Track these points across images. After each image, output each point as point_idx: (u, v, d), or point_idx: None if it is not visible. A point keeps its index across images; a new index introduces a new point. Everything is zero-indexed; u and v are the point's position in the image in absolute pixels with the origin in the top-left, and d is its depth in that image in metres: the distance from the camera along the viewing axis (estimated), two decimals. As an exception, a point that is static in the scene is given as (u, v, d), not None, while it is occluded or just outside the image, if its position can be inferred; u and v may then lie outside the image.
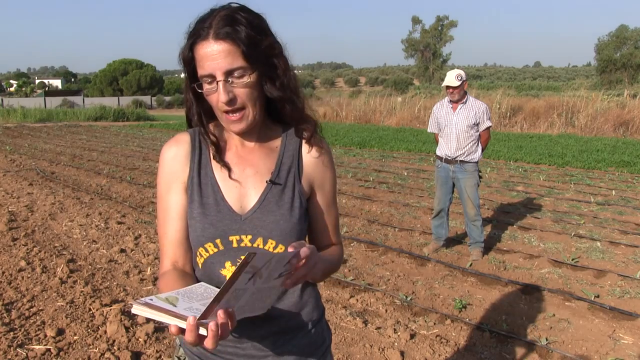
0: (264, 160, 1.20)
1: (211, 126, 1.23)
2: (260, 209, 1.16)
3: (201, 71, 1.08)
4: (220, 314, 0.87)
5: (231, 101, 1.08)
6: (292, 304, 1.22)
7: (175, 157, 1.20)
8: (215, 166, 1.19)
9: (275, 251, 1.15)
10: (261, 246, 1.15)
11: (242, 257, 0.86)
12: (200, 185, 1.17)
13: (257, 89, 1.11)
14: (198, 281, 1.17)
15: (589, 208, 6.98)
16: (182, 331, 0.87)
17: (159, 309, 0.90)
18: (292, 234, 1.16)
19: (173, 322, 0.88)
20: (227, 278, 0.87)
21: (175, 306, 0.92)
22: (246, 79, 1.08)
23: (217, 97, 1.08)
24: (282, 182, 1.19)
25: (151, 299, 0.92)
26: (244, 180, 1.18)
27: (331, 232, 1.31)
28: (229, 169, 1.19)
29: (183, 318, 0.88)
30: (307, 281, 1.19)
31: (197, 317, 0.86)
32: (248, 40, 1.06)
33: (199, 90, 1.11)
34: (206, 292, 1.04)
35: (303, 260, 0.98)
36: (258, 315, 1.03)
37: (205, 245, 1.15)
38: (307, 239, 1.29)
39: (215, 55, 1.05)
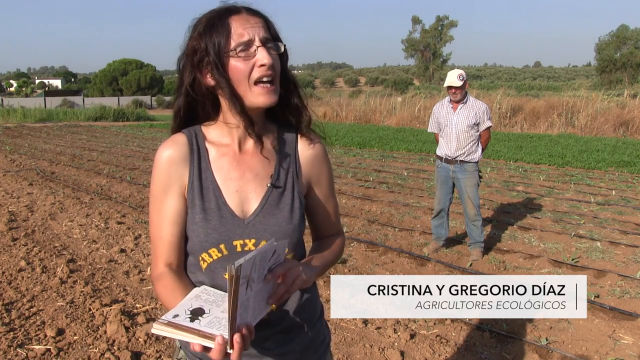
0: (262, 164, 1.20)
1: (203, 130, 1.22)
2: (262, 212, 1.16)
3: (239, 39, 1.09)
4: (243, 329, 0.91)
5: (272, 66, 1.10)
6: (292, 304, 1.23)
7: (173, 159, 1.17)
8: (216, 171, 1.18)
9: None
10: None
11: (227, 275, 0.86)
12: (201, 190, 1.16)
13: (279, 67, 1.15)
14: (193, 283, 1.18)
15: (589, 208, 6.98)
16: (205, 349, 0.90)
17: (183, 328, 0.91)
18: (294, 235, 1.19)
19: (199, 342, 0.90)
20: (230, 300, 0.87)
21: (199, 321, 0.93)
22: (275, 52, 1.13)
23: (254, 62, 1.09)
24: (282, 185, 1.20)
25: (174, 317, 0.93)
26: (244, 185, 1.18)
27: (331, 222, 1.34)
28: (229, 174, 1.18)
29: (208, 336, 0.89)
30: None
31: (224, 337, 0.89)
32: (272, 24, 1.16)
33: (236, 59, 1.10)
34: (216, 298, 1.06)
35: (280, 279, 1.03)
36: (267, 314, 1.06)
37: (209, 251, 1.15)
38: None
39: (253, 23, 1.11)
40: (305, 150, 1.24)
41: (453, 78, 4.75)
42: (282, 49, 1.15)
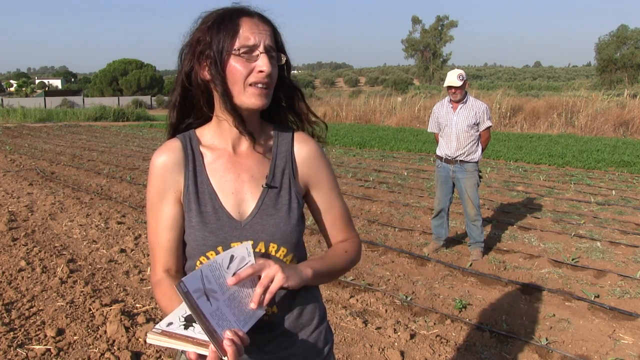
0: (258, 165, 1.20)
1: (198, 134, 1.23)
2: (259, 213, 1.16)
3: (244, 41, 1.10)
4: (229, 333, 0.90)
5: (270, 74, 1.11)
6: (293, 307, 1.22)
7: (167, 165, 1.17)
8: (211, 174, 1.18)
9: (278, 254, 1.16)
10: (263, 250, 1.15)
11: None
12: (197, 194, 1.16)
13: (276, 77, 1.16)
14: None
15: (589, 208, 6.98)
16: (201, 356, 0.90)
17: (177, 337, 0.91)
18: (293, 235, 1.17)
19: (193, 350, 0.90)
20: (195, 316, 0.88)
21: (193, 328, 0.92)
22: (276, 63, 1.14)
23: (254, 67, 1.10)
24: (278, 185, 1.19)
25: (167, 325, 0.92)
26: (240, 186, 1.18)
27: (339, 226, 1.29)
28: (225, 176, 1.18)
29: (202, 344, 0.89)
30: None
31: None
32: (279, 35, 1.17)
33: (237, 57, 1.11)
34: None
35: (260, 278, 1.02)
36: (263, 317, 1.05)
37: (207, 254, 1.14)
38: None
39: (261, 30, 1.12)
40: (300, 150, 1.23)
41: (453, 78, 4.75)
42: (283, 61, 1.16)
